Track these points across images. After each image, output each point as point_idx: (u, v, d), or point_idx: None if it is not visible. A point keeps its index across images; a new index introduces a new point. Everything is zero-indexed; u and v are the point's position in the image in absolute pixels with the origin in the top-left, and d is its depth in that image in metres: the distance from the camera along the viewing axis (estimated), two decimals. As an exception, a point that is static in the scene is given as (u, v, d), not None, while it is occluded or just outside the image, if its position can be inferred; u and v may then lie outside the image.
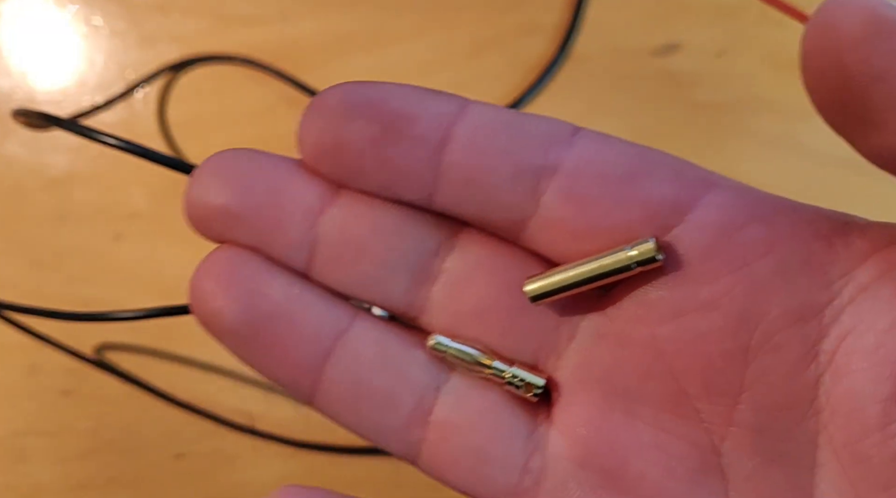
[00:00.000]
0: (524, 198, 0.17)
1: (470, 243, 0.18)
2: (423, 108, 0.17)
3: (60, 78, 0.40)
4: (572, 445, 0.18)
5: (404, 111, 0.17)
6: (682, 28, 0.40)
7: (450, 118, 0.17)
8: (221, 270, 0.18)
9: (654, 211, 0.17)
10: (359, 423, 0.18)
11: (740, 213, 0.17)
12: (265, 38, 0.39)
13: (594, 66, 0.40)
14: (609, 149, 0.17)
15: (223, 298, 0.17)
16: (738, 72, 0.40)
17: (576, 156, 0.17)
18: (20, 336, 0.35)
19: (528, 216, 0.17)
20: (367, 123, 0.17)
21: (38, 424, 0.40)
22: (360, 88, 0.17)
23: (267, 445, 0.40)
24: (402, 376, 0.18)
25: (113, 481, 0.40)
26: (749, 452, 0.16)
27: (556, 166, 0.17)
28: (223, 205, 0.18)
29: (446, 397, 0.18)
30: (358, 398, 0.18)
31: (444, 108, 0.17)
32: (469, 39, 0.39)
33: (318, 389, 0.18)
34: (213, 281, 0.18)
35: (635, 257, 0.16)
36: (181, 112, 0.39)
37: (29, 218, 0.40)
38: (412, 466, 0.18)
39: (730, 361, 0.16)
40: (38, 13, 0.40)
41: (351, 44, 0.39)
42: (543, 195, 0.17)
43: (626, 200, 0.17)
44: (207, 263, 0.18)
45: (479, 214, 0.18)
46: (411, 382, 0.18)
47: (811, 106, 0.15)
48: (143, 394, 0.39)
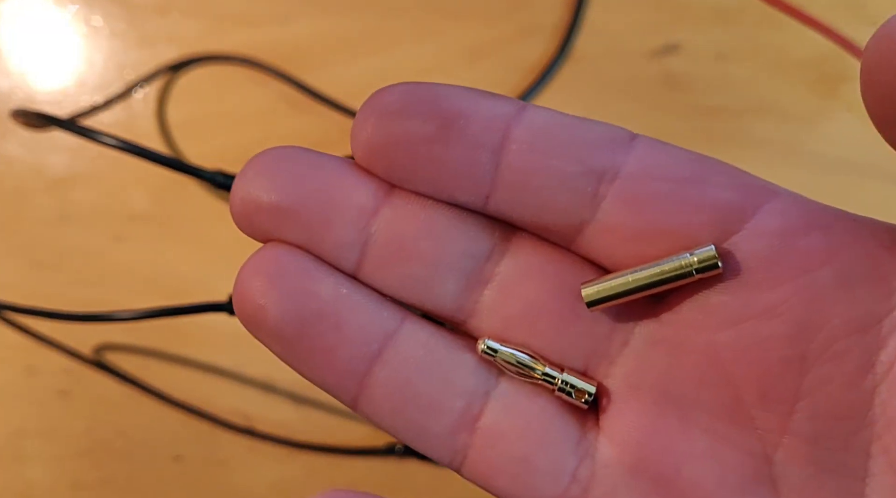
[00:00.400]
0: (582, 202, 0.17)
1: (522, 248, 0.18)
2: (480, 109, 0.17)
3: (60, 78, 0.40)
4: (623, 453, 0.17)
5: (461, 111, 0.17)
6: (682, 30, 0.40)
7: (507, 120, 0.17)
8: (269, 267, 0.17)
9: (715, 217, 0.17)
10: (404, 427, 0.18)
11: (800, 222, 0.16)
12: (264, 39, 0.39)
13: (594, 68, 0.40)
14: (667, 154, 0.17)
15: (270, 296, 0.17)
16: (737, 74, 0.40)
17: (635, 160, 0.17)
18: (18, 336, 0.35)
19: (585, 221, 0.17)
20: (423, 122, 0.17)
21: (35, 425, 0.40)
22: (417, 88, 0.17)
23: (265, 447, 0.40)
24: (450, 381, 0.18)
25: (109, 482, 0.40)
26: (802, 461, 0.16)
27: (615, 170, 0.17)
28: (272, 202, 0.17)
29: (494, 403, 0.18)
30: (404, 402, 0.18)
31: (501, 109, 0.17)
32: (469, 40, 0.39)
33: (363, 392, 0.18)
34: (260, 278, 0.17)
35: (695, 263, 0.16)
36: (180, 112, 0.39)
37: (28, 219, 0.39)
38: (416, 468, 0.18)
39: (787, 369, 0.16)
40: (37, 13, 0.40)
41: (350, 45, 0.39)
42: (602, 200, 0.17)
43: (686, 206, 0.17)
44: (255, 261, 0.18)
45: (534, 218, 0.17)
46: (459, 387, 0.18)
47: (812, 110, 0.15)
48: (141, 395, 0.39)
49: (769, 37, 0.40)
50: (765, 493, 0.17)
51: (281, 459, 0.40)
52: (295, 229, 0.17)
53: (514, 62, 0.39)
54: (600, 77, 0.40)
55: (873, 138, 0.40)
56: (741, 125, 0.40)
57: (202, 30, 0.40)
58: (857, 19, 0.39)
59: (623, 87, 0.40)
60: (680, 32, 0.40)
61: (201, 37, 0.40)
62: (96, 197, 0.39)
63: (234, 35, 0.39)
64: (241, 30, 0.39)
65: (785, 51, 0.40)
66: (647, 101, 0.40)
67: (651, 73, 0.40)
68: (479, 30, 0.39)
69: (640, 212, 0.17)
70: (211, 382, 0.40)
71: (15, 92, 0.40)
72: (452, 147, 0.17)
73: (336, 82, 0.39)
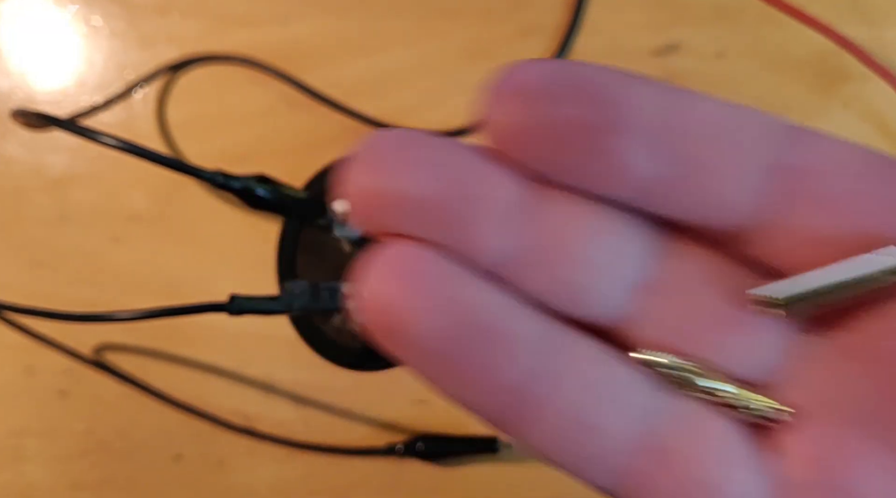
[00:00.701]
0: (758, 199, 0.15)
1: (687, 250, 0.16)
2: (640, 93, 0.15)
3: (59, 78, 0.40)
4: (806, 473, 0.16)
5: (620, 95, 0.15)
6: (683, 29, 0.40)
7: (670, 107, 0.15)
8: (406, 267, 0.15)
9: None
10: (569, 454, 0.16)
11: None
12: (263, 39, 0.39)
13: (594, 68, 0.40)
14: (849, 149, 0.15)
15: (415, 302, 0.14)
16: (738, 73, 0.40)
17: (812, 155, 0.15)
18: (17, 336, 0.35)
19: (761, 220, 0.15)
20: (578, 106, 0.15)
21: (35, 425, 0.40)
22: (563, 66, 0.15)
23: (265, 447, 0.40)
24: (620, 400, 0.16)
25: (109, 482, 0.40)
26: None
27: (796, 165, 0.15)
28: (404, 191, 0.14)
29: (668, 422, 0.16)
30: (569, 426, 0.15)
31: (662, 95, 0.15)
32: (469, 40, 0.39)
33: (525, 413, 0.15)
34: (397, 281, 0.14)
35: (891, 267, 0.15)
36: (180, 112, 0.39)
37: (28, 218, 0.39)
38: (416, 468, 0.17)
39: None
40: (37, 14, 0.40)
41: (349, 46, 0.39)
42: (781, 197, 0.15)
43: (874, 205, 0.15)
44: (385, 259, 0.15)
45: (702, 218, 0.15)
46: (630, 407, 0.16)
47: (812, 108, 0.15)
48: (141, 395, 0.39)
49: (769, 36, 0.40)
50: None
51: (281, 459, 0.40)
52: (430, 225, 0.15)
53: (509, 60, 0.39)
54: (600, 77, 0.40)
55: (871, 136, 0.40)
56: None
57: (202, 30, 0.40)
58: (857, 18, 0.39)
59: (623, 86, 0.40)
60: (680, 32, 0.40)
61: (201, 37, 0.40)
62: (96, 197, 0.39)
63: (234, 35, 0.39)
64: (241, 30, 0.39)
65: (784, 50, 0.40)
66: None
67: (652, 73, 0.40)
68: (479, 30, 0.39)
69: (826, 212, 0.15)
70: (211, 382, 0.40)
71: (15, 92, 0.40)
72: (611, 137, 0.15)
73: (336, 82, 0.39)
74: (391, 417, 0.40)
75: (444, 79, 0.39)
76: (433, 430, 0.39)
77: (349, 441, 0.40)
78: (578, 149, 0.15)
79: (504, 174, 0.15)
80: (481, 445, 0.38)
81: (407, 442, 0.39)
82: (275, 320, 0.30)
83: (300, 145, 0.39)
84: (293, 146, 0.39)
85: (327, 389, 0.39)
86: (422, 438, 0.39)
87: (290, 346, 0.33)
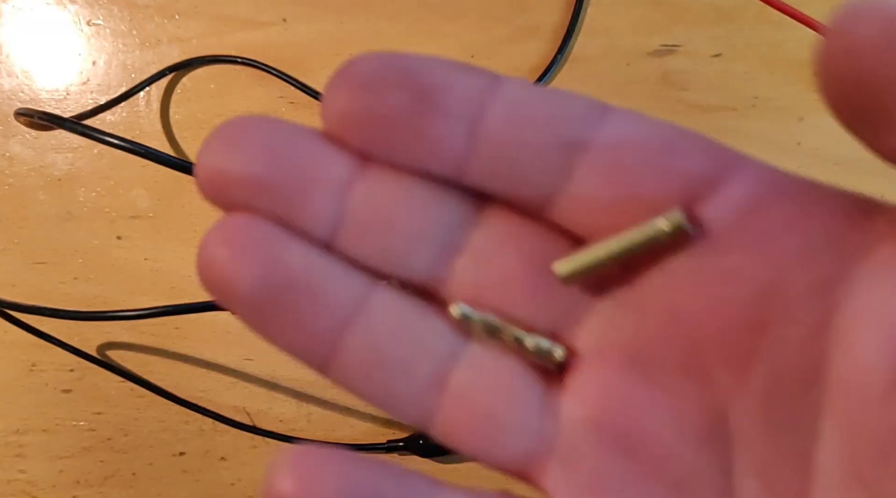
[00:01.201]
0: (557, 172, 0.17)
1: (496, 218, 0.18)
2: (457, 81, 0.17)
3: (63, 78, 0.40)
4: (586, 410, 0.18)
5: (438, 83, 0.17)
6: (681, 29, 0.40)
7: (483, 91, 0.17)
8: (236, 235, 0.17)
9: (685, 185, 0.17)
10: (374, 391, 0.18)
11: (769, 191, 0.17)
12: (265, 40, 0.40)
13: (593, 68, 0.41)
14: (641, 125, 0.17)
15: (238, 264, 0.17)
16: (736, 73, 0.40)
17: (609, 131, 0.17)
18: (21, 334, 0.35)
19: (559, 191, 0.17)
20: (399, 93, 0.17)
21: (38, 422, 0.40)
22: (391, 58, 0.17)
23: (267, 444, 0.40)
24: (420, 344, 0.18)
25: (112, 479, 0.40)
26: (756, 418, 0.17)
27: (590, 141, 0.17)
28: (242, 173, 0.17)
29: (463, 365, 0.18)
30: (374, 367, 0.18)
31: (477, 81, 0.17)
32: (469, 40, 0.39)
33: (334, 358, 0.18)
34: (226, 246, 0.17)
35: (665, 230, 0.17)
36: (183, 113, 0.40)
37: (31, 217, 0.40)
38: (417, 465, 0.18)
39: (747, 330, 0.16)
40: (41, 14, 0.40)
41: (349, 47, 0.39)
42: (576, 170, 0.17)
43: (657, 175, 0.17)
44: (220, 228, 0.17)
45: (509, 189, 0.18)
46: (429, 350, 0.18)
47: (809, 106, 0.15)
48: (144, 392, 0.39)
49: (766, 36, 0.40)
50: (720, 447, 0.17)
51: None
52: (266, 200, 0.17)
53: (513, 62, 0.39)
54: (599, 77, 0.41)
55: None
56: (739, 123, 0.40)
57: (204, 30, 0.40)
58: (855, 18, 0.39)
59: (622, 86, 0.41)
60: (678, 32, 0.40)
61: (203, 37, 0.40)
62: (99, 196, 0.40)
63: (236, 35, 0.40)
64: (243, 30, 0.40)
65: (782, 49, 0.40)
66: (647, 101, 0.40)
67: (650, 73, 0.40)
68: (478, 30, 0.39)
69: (611, 182, 0.17)
70: (213, 378, 0.40)
71: (19, 92, 0.40)
72: (428, 119, 0.17)
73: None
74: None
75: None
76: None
77: (350, 438, 0.40)
78: (400, 131, 0.17)
79: (333, 153, 0.17)
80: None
81: (408, 438, 0.39)
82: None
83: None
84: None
85: (329, 386, 0.40)
86: (422, 434, 0.39)
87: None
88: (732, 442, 0.17)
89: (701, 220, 0.17)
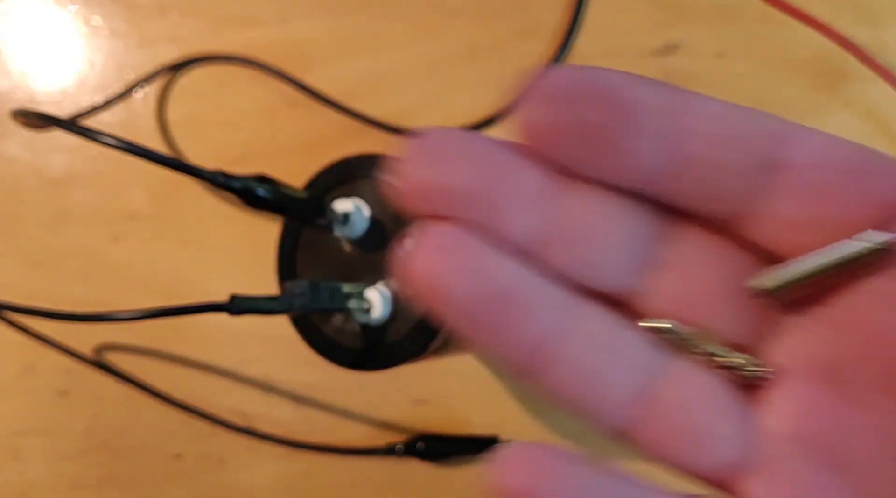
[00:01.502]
0: (753, 191, 0.17)
1: (691, 234, 0.19)
2: (651, 96, 0.17)
3: (60, 78, 0.40)
4: (789, 425, 0.18)
5: (634, 98, 0.17)
6: (683, 29, 0.40)
7: (677, 107, 0.17)
8: (447, 243, 0.17)
9: (880, 206, 0.17)
10: (577, 400, 0.18)
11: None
12: (263, 39, 0.39)
13: (594, 68, 0.40)
14: (836, 146, 0.18)
15: (451, 272, 0.17)
16: (738, 72, 0.40)
17: (806, 152, 0.17)
18: (17, 335, 0.35)
19: (754, 209, 0.18)
20: (597, 108, 0.17)
21: (35, 424, 0.40)
22: (586, 72, 0.17)
23: (264, 446, 0.40)
24: (622, 356, 0.18)
25: (109, 481, 0.40)
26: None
27: (787, 161, 0.17)
28: (450, 182, 0.17)
29: (664, 378, 0.19)
30: (579, 377, 0.18)
31: (670, 96, 0.17)
32: (469, 40, 0.39)
33: (540, 366, 0.18)
34: (438, 254, 0.17)
35: (868, 249, 0.17)
36: (180, 112, 0.39)
37: (28, 218, 0.40)
38: (416, 468, 0.18)
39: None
40: (38, 14, 0.40)
41: (350, 45, 0.39)
42: (773, 189, 0.17)
43: (854, 196, 0.17)
44: (429, 235, 0.17)
45: (704, 206, 0.18)
46: (630, 362, 0.18)
47: (812, 107, 0.15)
48: (141, 394, 0.39)
49: (769, 36, 0.40)
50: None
51: (280, 458, 0.40)
52: (468, 210, 0.17)
53: (514, 62, 0.39)
54: (600, 76, 0.40)
55: (871, 136, 0.40)
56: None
57: (202, 30, 0.40)
58: (857, 18, 0.39)
59: (623, 86, 0.40)
60: (680, 31, 0.40)
61: (201, 37, 0.40)
62: (96, 196, 0.39)
63: (234, 35, 0.39)
64: (242, 30, 0.39)
65: (784, 49, 0.40)
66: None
67: (652, 73, 0.40)
68: (479, 30, 0.39)
69: (807, 202, 0.17)
70: (210, 381, 0.40)
71: (15, 92, 0.40)
72: (625, 134, 0.17)
73: (336, 82, 0.39)
74: (390, 416, 0.40)
75: (444, 79, 0.39)
76: (433, 430, 0.39)
77: (349, 441, 0.40)
78: (596, 145, 0.17)
79: (531, 166, 0.18)
80: (481, 444, 0.38)
81: (407, 442, 0.39)
82: (274, 320, 0.30)
83: (300, 145, 0.39)
84: (293, 146, 0.39)
85: (327, 389, 0.40)
86: (422, 437, 0.39)
87: (290, 345, 0.33)
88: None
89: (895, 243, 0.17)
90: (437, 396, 0.39)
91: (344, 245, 0.26)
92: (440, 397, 0.39)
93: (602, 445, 0.22)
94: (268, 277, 0.28)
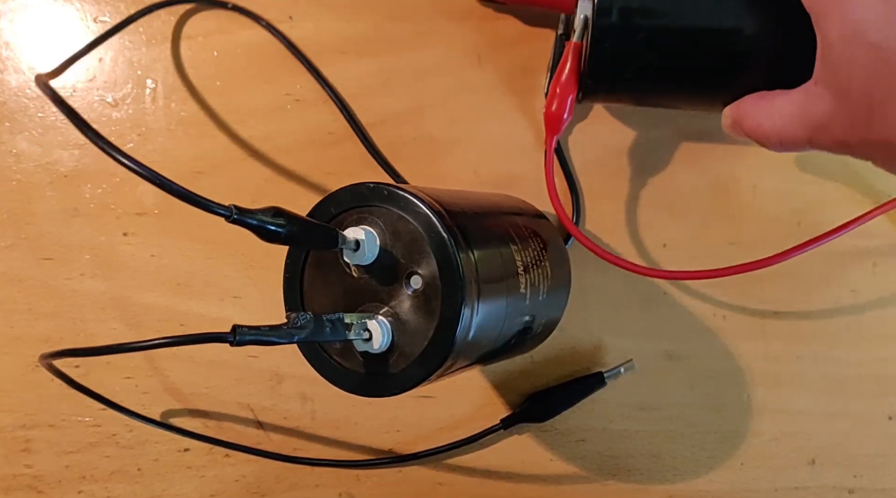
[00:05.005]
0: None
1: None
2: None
3: (70, 75, 0.39)
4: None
5: None
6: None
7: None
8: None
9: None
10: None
11: None
12: (266, 38, 0.39)
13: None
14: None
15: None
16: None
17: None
18: (27, 329, 0.35)
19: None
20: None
21: (44, 417, 0.41)
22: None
23: (271, 440, 0.40)
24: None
25: (117, 474, 0.41)
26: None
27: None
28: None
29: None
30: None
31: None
32: (475, 41, 0.39)
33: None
34: None
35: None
36: (189, 110, 0.39)
37: (38, 213, 0.40)
38: (416, 471, 0.19)
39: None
40: (48, 10, 0.40)
41: (353, 46, 0.39)
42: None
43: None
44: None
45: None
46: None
47: None
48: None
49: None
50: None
51: (287, 451, 0.40)
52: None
53: (520, 63, 0.39)
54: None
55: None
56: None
57: (212, 29, 0.39)
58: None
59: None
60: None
61: (211, 35, 0.39)
62: (105, 192, 0.40)
63: (243, 33, 0.39)
64: (250, 28, 0.39)
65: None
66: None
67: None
68: (484, 31, 0.39)
69: None
70: (218, 375, 0.40)
71: (26, 88, 0.40)
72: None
73: (338, 82, 0.39)
74: (396, 412, 0.40)
75: (448, 79, 0.39)
76: (439, 422, 0.40)
77: (353, 437, 0.40)
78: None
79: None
80: (592, 383, 0.40)
81: (519, 406, 0.40)
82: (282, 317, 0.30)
83: (307, 142, 0.39)
84: (300, 143, 0.39)
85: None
86: (531, 396, 0.40)
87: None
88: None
89: None
90: (444, 391, 0.40)
91: (352, 271, 0.26)
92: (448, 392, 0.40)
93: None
94: (274, 272, 0.29)
